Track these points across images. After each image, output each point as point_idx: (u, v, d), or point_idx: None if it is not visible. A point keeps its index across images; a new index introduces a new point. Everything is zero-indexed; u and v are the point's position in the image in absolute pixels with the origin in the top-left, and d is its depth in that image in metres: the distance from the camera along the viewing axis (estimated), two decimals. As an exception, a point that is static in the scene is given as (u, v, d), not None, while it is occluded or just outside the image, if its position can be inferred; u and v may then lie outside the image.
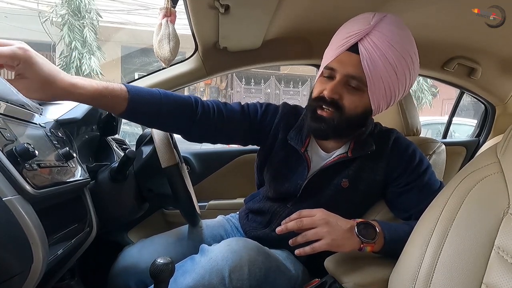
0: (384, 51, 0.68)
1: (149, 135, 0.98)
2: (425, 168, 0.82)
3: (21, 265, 0.52)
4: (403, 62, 0.70)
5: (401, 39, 0.70)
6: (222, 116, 0.82)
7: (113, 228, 1.22)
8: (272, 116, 0.90)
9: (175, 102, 0.77)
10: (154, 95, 0.74)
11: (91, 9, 7.00)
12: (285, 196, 0.88)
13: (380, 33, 0.68)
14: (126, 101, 0.69)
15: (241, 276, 0.71)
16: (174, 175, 0.83)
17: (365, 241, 0.70)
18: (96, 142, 1.14)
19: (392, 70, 0.70)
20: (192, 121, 0.79)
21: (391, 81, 0.71)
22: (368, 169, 0.82)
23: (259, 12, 0.98)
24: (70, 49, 6.94)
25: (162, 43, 1.04)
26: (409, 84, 0.77)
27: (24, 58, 0.56)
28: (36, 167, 0.59)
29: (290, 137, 0.86)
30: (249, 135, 0.90)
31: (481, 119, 1.83)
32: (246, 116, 0.87)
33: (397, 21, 0.71)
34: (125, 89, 0.69)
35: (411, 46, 0.72)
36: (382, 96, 0.74)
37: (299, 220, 0.71)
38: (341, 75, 0.72)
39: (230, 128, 0.85)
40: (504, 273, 0.48)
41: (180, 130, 0.81)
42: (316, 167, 0.85)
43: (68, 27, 6.84)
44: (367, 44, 0.68)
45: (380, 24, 0.69)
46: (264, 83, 8.63)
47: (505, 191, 0.52)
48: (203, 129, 0.81)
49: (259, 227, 0.93)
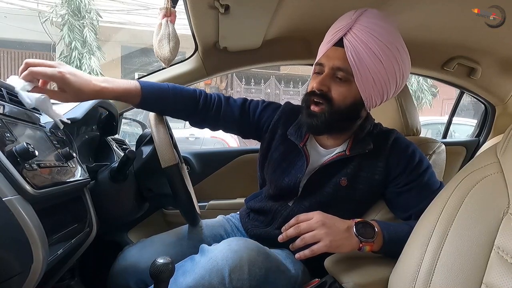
0: (366, 41, 0.71)
1: (149, 135, 0.98)
2: (425, 168, 0.81)
3: (21, 265, 0.52)
4: (388, 52, 0.72)
5: (383, 30, 0.73)
6: (219, 109, 0.93)
7: (113, 228, 1.22)
8: (272, 113, 0.95)
9: (181, 95, 0.90)
10: (163, 90, 0.87)
11: (91, 9, 7.00)
12: (286, 192, 0.89)
13: (362, 25, 0.72)
14: (140, 97, 0.84)
15: (241, 276, 0.71)
16: (174, 175, 0.83)
17: (363, 240, 0.70)
18: (96, 142, 1.14)
19: (377, 59, 0.72)
20: (194, 111, 0.92)
21: (378, 71, 0.73)
22: (367, 168, 0.83)
23: (259, 12, 0.98)
24: (70, 49, 6.93)
25: (162, 43, 1.04)
26: (401, 77, 0.78)
27: (61, 79, 0.71)
28: (36, 167, 0.59)
29: (290, 133, 0.89)
30: (246, 128, 0.97)
31: (481, 119, 1.82)
32: (244, 112, 0.94)
33: (378, 14, 0.75)
34: (139, 87, 0.83)
35: (395, 38, 0.74)
36: (372, 87, 0.75)
37: (297, 225, 0.72)
38: (328, 68, 0.76)
39: (227, 121, 0.94)
40: (504, 273, 0.48)
41: (184, 117, 0.94)
42: (315, 163, 0.87)
43: (68, 27, 6.83)
44: (350, 37, 0.73)
45: (361, 18, 0.73)
46: (264, 83, 8.63)
47: (505, 191, 0.52)
48: (203, 118, 0.94)
49: (261, 225, 0.94)
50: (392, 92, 0.80)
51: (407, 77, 0.82)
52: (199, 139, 5.22)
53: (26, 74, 0.68)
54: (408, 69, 0.79)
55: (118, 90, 0.80)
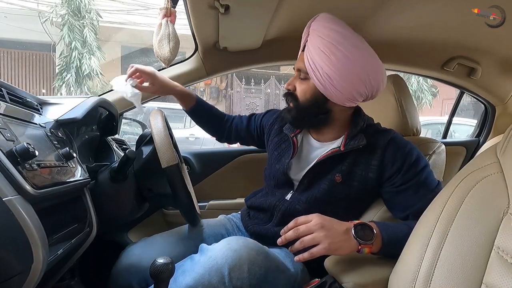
0: (316, 43, 0.81)
1: (149, 135, 0.98)
2: (422, 168, 0.82)
3: (21, 265, 0.52)
4: (335, 50, 0.79)
5: (330, 31, 0.80)
6: (239, 129, 1.17)
7: (113, 228, 1.22)
8: (271, 115, 1.10)
9: (216, 115, 1.18)
10: (208, 105, 1.17)
11: (91, 9, 6.99)
12: (280, 182, 0.94)
13: (313, 29, 0.83)
14: (194, 102, 1.13)
15: (241, 275, 0.71)
16: (174, 175, 0.83)
17: (362, 242, 0.70)
18: (96, 142, 1.14)
19: (326, 56, 0.79)
20: (222, 131, 1.20)
21: (329, 68, 0.79)
22: (362, 165, 0.85)
23: (259, 12, 0.98)
24: (70, 49, 6.93)
25: (162, 43, 1.04)
26: (366, 73, 0.80)
27: (153, 75, 1.03)
28: (36, 167, 0.59)
29: (286, 127, 0.99)
30: (258, 138, 1.14)
31: (481, 119, 1.82)
32: (254, 124, 1.15)
33: (327, 17, 0.83)
34: (195, 96, 1.13)
35: (343, 37, 0.80)
36: (327, 81, 0.81)
37: (296, 228, 0.72)
38: (295, 70, 0.90)
39: (247, 137, 1.17)
40: (504, 273, 0.48)
41: (212, 133, 1.23)
42: (307, 154, 0.93)
43: (68, 27, 6.83)
44: (308, 41, 0.84)
45: (313, 23, 0.84)
46: (264, 83, 8.61)
47: (505, 191, 0.52)
48: (228, 137, 1.20)
49: (261, 223, 0.95)
50: (364, 86, 0.81)
51: (379, 73, 0.83)
52: (199, 139, 5.21)
53: (133, 70, 1.00)
54: (374, 65, 0.82)
55: (185, 90, 1.11)
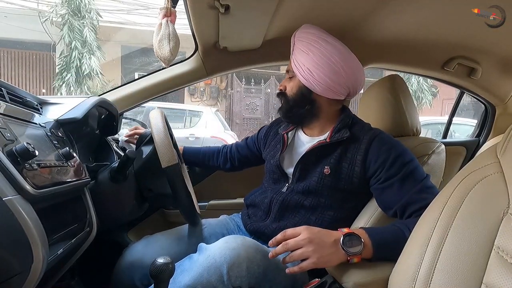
0: (298, 46, 0.94)
1: (149, 135, 0.98)
2: (406, 162, 0.83)
3: (21, 265, 0.52)
4: (312, 48, 0.91)
5: (309, 35, 0.94)
6: (240, 150, 1.26)
7: (113, 228, 1.22)
8: (265, 129, 1.19)
9: (208, 155, 1.31)
10: (196, 154, 1.32)
11: (91, 9, 6.99)
12: (276, 176, 1.00)
13: (297, 37, 0.96)
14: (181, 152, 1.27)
15: (240, 273, 0.71)
16: (174, 175, 0.83)
17: (351, 253, 0.70)
18: (96, 142, 1.14)
19: (305, 54, 0.92)
20: (225, 161, 1.29)
21: (309, 63, 0.91)
22: (348, 159, 0.90)
23: (259, 12, 0.98)
24: (70, 49, 6.93)
25: (162, 43, 1.04)
26: (342, 67, 0.90)
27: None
28: (36, 167, 0.59)
29: (281, 128, 1.07)
30: (259, 152, 1.20)
31: (481, 119, 1.82)
32: (252, 141, 1.23)
33: (307, 25, 0.97)
34: (182, 149, 1.29)
35: (319, 37, 0.92)
36: (307, 74, 0.92)
37: (285, 242, 0.72)
38: (286, 72, 1.02)
39: (250, 155, 1.25)
40: (504, 273, 0.48)
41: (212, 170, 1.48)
42: (298, 148, 1.01)
43: (68, 27, 6.83)
44: (294, 47, 0.97)
45: (296, 33, 0.97)
46: (264, 83, 8.61)
47: (505, 191, 0.52)
48: (232, 161, 1.28)
49: (259, 220, 0.96)
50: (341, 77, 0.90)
51: (353, 67, 0.93)
52: (199, 139, 5.21)
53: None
54: (347, 58, 0.92)
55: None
